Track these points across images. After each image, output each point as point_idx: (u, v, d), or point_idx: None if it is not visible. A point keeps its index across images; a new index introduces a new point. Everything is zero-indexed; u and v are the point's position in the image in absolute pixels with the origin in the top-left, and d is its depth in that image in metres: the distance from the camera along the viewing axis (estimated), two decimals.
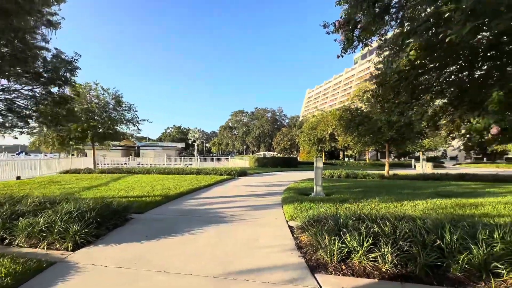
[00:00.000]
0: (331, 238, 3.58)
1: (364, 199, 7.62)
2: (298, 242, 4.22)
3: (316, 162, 8.69)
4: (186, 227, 5.03)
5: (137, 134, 22.37)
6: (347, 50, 4.84)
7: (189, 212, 6.33)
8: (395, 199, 7.56)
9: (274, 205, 7.30)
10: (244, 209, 6.68)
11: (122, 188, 9.75)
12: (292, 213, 5.90)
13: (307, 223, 4.44)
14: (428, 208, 6.36)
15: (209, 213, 6.28)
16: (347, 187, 10.26)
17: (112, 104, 18.64)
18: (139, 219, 5.70)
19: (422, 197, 7.94)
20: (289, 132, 64.80)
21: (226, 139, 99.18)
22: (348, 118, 14.43)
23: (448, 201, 7.33)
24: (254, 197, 8.48)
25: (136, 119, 19.94)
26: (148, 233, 4.73)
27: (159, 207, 6.94)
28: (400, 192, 9.06)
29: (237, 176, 15.55)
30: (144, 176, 14.50)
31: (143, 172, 16.74)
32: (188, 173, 16.45)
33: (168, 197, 8.02)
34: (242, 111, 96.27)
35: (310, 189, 9.87)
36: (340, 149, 37.92)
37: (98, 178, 13.51)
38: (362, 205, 6.73)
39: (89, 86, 17.50)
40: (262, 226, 5.11)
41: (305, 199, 7.45)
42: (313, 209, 6.27)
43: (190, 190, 9.62)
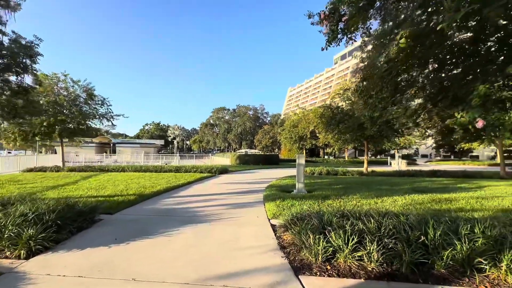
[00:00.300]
0: (315, 237, 3.41)
1: (346, 195, 7.63)
2: (281, 241, 4.03)
3: (298, 159, 8.59)
4: (161, 228, 4.65)
5: (112, 130, 21.11)
6: (331, 42, 4.69)
7: (166, 212, 5.93)
8: (375, 195, 7.64)
9: (255, 203, 7.08)
10: (225, 208, 6.39)
11: (93, 187, 9.04)
12: (274, 211, 5.71)
13: (290, 221, 4.25)
14: (407, 204, 6.46)
15: (187, 212, 5.92)
16: (328, 184, 10.30)
17: (83, 97, 17.39)
18: (109, 220, 5.22)
19: (400, 193, 8.11)
20: (271, 129, 65.05)
21: (207, 137, 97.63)
22: (329, 115, 14.57)
23: (425, 196, 7.53)
24: (235, 195, 8.21)
25: (110, 114, 18.81)
26: (117, 235, 4.30)
27: (133, 207, 6.46)
28: (379, 188, 9.22)
29: (218, 173, 15.17)
30: (119, 174, 13.67)
31: (117, 170, 15.84)
32: (167, 170, 15.81)
33: (143, 196, 7.52)
34: (223, 108, 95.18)
35: (292, 186, 9.78)
36: (321, 147, 38.64)
37: (66, 176, 12.52)
38: (344, 202, 6.70)
39: (57, 77, 16.17)
40: (243, 225, 4.86)
41: (287, 196, 7.31)
42: (296, 206, 6.13)
43: (168, 188, 9.14)
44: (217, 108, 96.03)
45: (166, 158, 31.35)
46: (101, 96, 17.95)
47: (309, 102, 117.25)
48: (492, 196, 7.58)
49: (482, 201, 6.81)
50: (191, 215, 5.63)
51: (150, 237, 4.22)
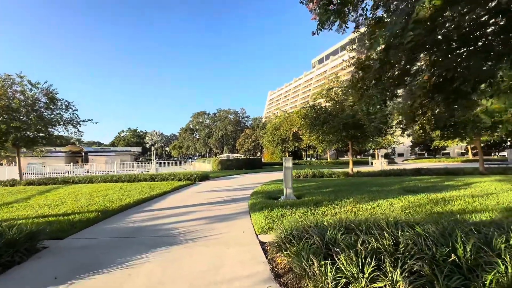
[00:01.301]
0: (320, 262, 2.63)
1: (338, 200, 7.00)
2: (274, 266, 3.21)
3: (285, 162, 7.86)
4: (121, 257, 3.65)
5: (80, 137, 19.23)
6: (323, 24, 4.02)
7: (132, 232, 4.89)
8: (368, 198, 7.09)
9: (240, 213, 6.22)
10: (204, 222, 5.46)
11: (48, 203, 7.68)
12: (262, 224, 4.89)
13: (284, 239, 3.45)
14: (405, 207, 5.93)
15: (158, 231, 4.93)
16: (316, 188, 9.67)
17: (43, 101, 15.57)
18: (55, 248, 4.11)
19: (392, 194, 7.64)
20: (253, 133, 64.42)
21: (187, 142, 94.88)
22: (313, 116, 14.12)
23: (419, 197, 7.09)
24: (216, 205, 7.29)
25: (76, 120, 17.05)
26: (60, 271, 3.26)
27: (91, 227, 5.33)
28: (370, 190, 8.73)
29: (198, 181, 14.09)
30: (85, 186, 12.16)
31: (84, 182, 14.22)
32: (141, 180, 14.44)
33: (107, 212, 6.38)
34: (204, 113, 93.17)
35: (279, 191, 9.03)
36: (303, 149, 38.53)
37: (20, 191, 10.85)
38: (338, 208, 6.04)
39: (11, 79, 14.30)
40: (226, 246, 3.98)
41: (275, 205, 6.52)
42: (287, 216, 5.36)
43: (139, 200, 8.01)
44: (197, 113, 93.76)
45: (143, 165, 29.51)
46: (65, 100, 16.20)
47: (289, 106, 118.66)
48: (486, 194, 7.32)
49: (480, 200, 6.47)
50: (162, 235, 4.65)
51: (103, 271, 3.22)
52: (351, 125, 12.73)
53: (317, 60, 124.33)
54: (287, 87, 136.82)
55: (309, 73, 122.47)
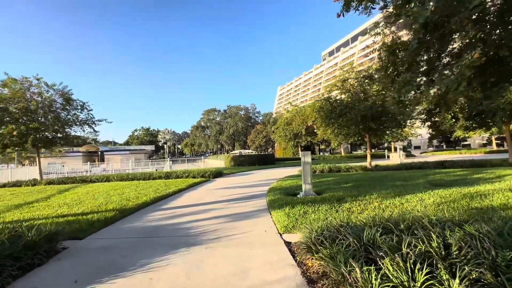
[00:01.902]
0: (362, 268, 2.33)
1: (361, 195, 6.62)
2: (305, 270, 2.94)
3: (304, 156, 7.54)
4: (141, 258, 3.49)
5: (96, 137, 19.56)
6: (349, 5, 3.65)
7: (150, 232, 4.75)
8: (394, 194, 6.66)
9: (259, 211, 5.98)
10: (223, 221, 5.26)
11: (67, 202, 7.73)
12: (285, 222, 4.62)
13: (314, 239, 3.17)
14: (438, 202, 5.49)
15: (177, 230, 4.76)
16: (335, 183, 9.29)
17: (59, 102, 15.89)
18: (75, 249, 4.02)
19: (419, 189, 7.17)
20: (264, 129, 64.04)
21: (198, 139, 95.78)
22: (328, 109, 13.62)
23: (450, 191, 6.59)
24: (233, 203, 7.08)
25: (91, 119, 17.33)
26: (80, 274, 3.13)
27: (110, 226, 5.25)
28: (393, 185, 8.27)
29: (212, 177, 14.00)
30: (102, 185, 12.31)
31: (101, 180, 14.44)
32: (156, 177, 14.51)
33: (125, 211, 6.30)
34: (214, 110, 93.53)
35: (296, 187, 8.73)
36: (316, 143, 37.86)
37: (41, 191, 11.09)
38: (363, 204, 5.68)
39: (28, 81, 14.61)
40: (250, 247, 3.75)
41: (295, 201, 6.24)
42: (310, 214, 5.07)
43: (156, 199, 7.93)
44: (208, 110, 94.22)
45: (157, 163, 29.98)
46: (80, 100, 16.48)
47: (300, 100, 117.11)
48: None
49: None
50: (182, 235, 4.48)
51: (124, 274, 3.06)
52: (369, 117, 12.17)
53: (328, 53, 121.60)
54: (297, 81, 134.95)
55: (319, 66, 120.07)
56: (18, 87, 14.18)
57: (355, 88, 13.97)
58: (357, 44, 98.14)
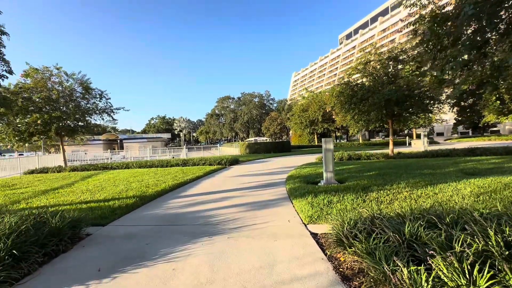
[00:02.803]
0: (410, 268, 2.05)
1: (388, 184, 6.23)
2: (337, 265, 2.71)
3: (325, 143, 7.18)
4: (163, 247, 3.40)
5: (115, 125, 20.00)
6: None
7: (171, 220, 4.69)
8: (424, 183, 6.21)
9: (280, 200, 5.78)
10: (243, 209, 5.11)
11: (89, 189, 7.91)
12: (309, 212, 4.38)
13: (346, 232, 2.91)
14: (476, 193, 5.02)
15: (198, 218, 4.66)
16: (358, 171, 8.88)
17: (79, 91, 16.20)
18: (98, 236, 4.02)
19: (451, 178, 6.65)
20: (278, 116, 63.22)
21: (213, 127, 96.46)
22: (349, 93, 12.93)
23: (487, 181, 6.04)
24: (252, 191, 6.92)
25: (110, 108, 17.63)
26: (103, 262, 3.09)
27: (131, 213, 5.25)
28: (421, 173, 7.77)
29: (228, 165, 13.95)
30: (122, 172, 12.59)
31: (121, 167, 14.80)
32: (174, 165, 14.68)
33: (145, 197, 6.31)
34: (228, 97, 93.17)
35: (316, 175, 8.44)
36: (333, 130, 36.89)
37: (65, 177, 11.50)
38: (392, 194, 5.32)
39: (49, 70, 14.93)
40: (273, 237, 3.56)
41: (317, 190, 5.97)
42: (335, 203, 4.79)
43: (174, 186, 7.94)
44: (222, 98, 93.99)
45: (174, 151, 30.43)
46: (99, 89, 16.72)
47: (315, 86, 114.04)
48: None
49: None
50: (202, 223, 4.37)
51: (146, 264, 2.97)
52: (394, 101, 11.42)
53: (345, 36, 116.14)
54: (312, 67, 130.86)
55: (336, 50, 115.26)
56: (39, 76, 14.53)
57: (378, 71, 13.13)
58: (377, 25, 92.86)
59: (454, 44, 3.33)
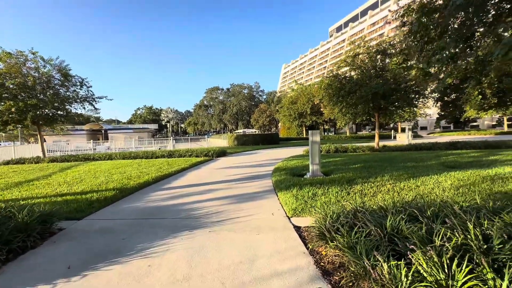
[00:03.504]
0: (390, 263, 2.02)
1: (372, 177, 6.29)
2: (318, 259, 2.66)
3: (312, 136, 7.13)
4: (140, 242, 3.25)
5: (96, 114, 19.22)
6: None
7: (151, 213, 4.52)
8: (407, 175, 6.31)
9: (265, 192, 5.71)
10: (228, 202, 5.01)
11: (67, 181, 7.56)
12: (293, 205, 4.33)
13: (328, 226, 2.87)
14: (456, 186, 5.14)
15: (179, 211, 4.52)
16: (344, 163, 8.95)
17: (58, 78, 15.34)
18: (71, 231, 3.81)
19: (433, 171, 6.81)
20: (268, 108, 63.02)
21: (201, 118, 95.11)
22: (337, 86, 12.92)
23: (467, 174, 6.22)
24: (238, 183, 6.82)
25: (91, 97, 16.85)
26: (74, 258, 2.91)
27: (110, 206, 5.03)
28: (404, 166, 7.91)
29: (215, 157, 13.75)
30: (104, 163, 12.16)
31: (103, 158, 14.30)
32: (159, 156, 14.32)
33: (126, 190, 6.08)
34: (217, 88, 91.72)
35: (303, 168, 8.43)
36: (321, 123, 37.19)
37: (43, 169, 10.98)
38: (376, 187, 5.36)
39: (23, 55, 13.99)
40: (256, 231, 3.48)
41: (303, 183, 5.94)
42: (319, 196, 4.77)
43: (158, 178, 7.71)
44: (210, 88, 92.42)
45: (160, 142, 29.77)
46: (79, 76, 15.89)
47: (305, 79, 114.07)
48: None
49: None
50: (184, 216, 4.23)
51: (120, 260, 2.82)
52: (381, 94, 11.51)
53: (335, 28, 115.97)
54: (302, 59, 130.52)
55: (326, 43, 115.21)
56: (13, 61, 13.61)
57: (366, 64, 13.15)
58: (366, 19, 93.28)
59: (441, 37, 3.29)
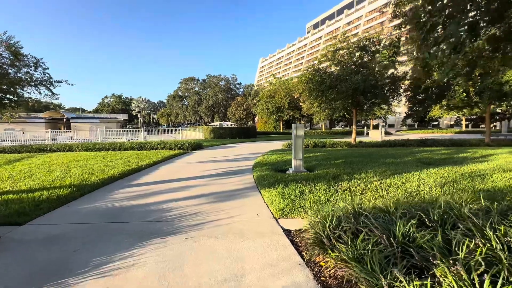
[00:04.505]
0: (414, 283, 1.66)
1: (357, 173, 6.11)
2: (317, 272, 2.27)
3: (296, 129, 6.77)
4: (98, 255, 2.62)
5: (54, 100, 17.17)
6: None
7: (114, 215, 3.83)
8: (390, 172, 6.24)
9: (247, 190, 5.24)
10: (205, 201, 4.46)
11: (12, 175, 6.43)
12: (281, 205, 3.92)
13: (328, 232, 2.48)
14: (439, 183, 5.10)
15: (149, 213, 3.89)
16: (325, 159, 8.78)
17: (6, 57, 13.30)
18: (7, 240, 3.03)
19: (412, 168, 6.85)
20: (245, 101, 62.21)
21: (176, 110, 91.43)
22: (318, 80, 12.75)
23: (445, 170, 6.31)
24: (216, 179, 6.28)
25: (49, 80, 14.93)
26: (5, 281, 2.21)
27: (62, 207, 4.22)
28: (384, 162, 7.93)
29: (190, 150, 12.96)
30: (62, 155, 10.81)
31: (63, 150, 12.79)
32: (128, 148, 13.16)
33: (85, 187, 5.24)
34: (192, 78, 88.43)
35: (284, 163, 8.10)
36: (298, 118, 37.45)
37: None
38: (362, 183, 5.15)
39: None
40: (241, 237, 3.01)
41: (287, 179, 5.58)
42: (307, 194, 4.42)
43: (125, 172, 6.88)
44: (185, 78, 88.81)
45: (131, 133, 27.84)
46: (32, 56, 13.93)
47: (281, 74, 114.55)
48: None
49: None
50: (154, 219, 3.62)
51: (68, 281, 2.18)
52: (361, 90, 11.54)
53: (312, 25, 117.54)
54: (279, 54, 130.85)
55: (303, 39, 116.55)
56: None
57: (346, 60, 13.13)
58: (342, 18, 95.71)
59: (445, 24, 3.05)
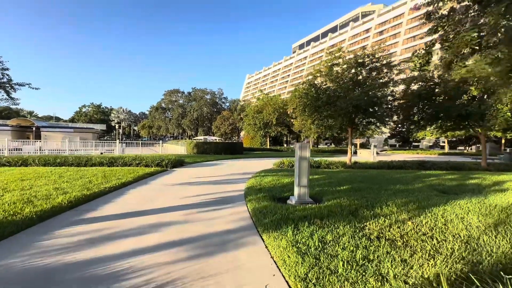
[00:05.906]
0: None
1: (376, 206, 4.94)
2: None
3: (300, 150, 5.57)
4: None
5: (13, 105, 15.13)
6: None
7: (36, 281, 2.31)
8: (414, 205, 5.14)
9: (242, 231, 3.87)
10: (184, 255, 3.04)
11: None
12: (301, 269, 2.60)
13: None
14: (487, 223, 4.02)
15: (93, 280, 2.40)
16: (327, 184, 7.59)
17: None
18: None
19: (432, 198, 5.84)
20: (230, 116, 61.19)
21: (158, 122, 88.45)
22: (313, 96, 11.89)
23: (477, 203, 5.30)
24: (199, 211, 4.85)
25: (9, 82, 13.03)
26: None
27: None
28: (397, 190, 6.86)
29: (170, 167, 11.38)
30: (9, 171, 8.87)
31: (15, 164, 10.73)
32: (96, 163, 11.31)
33: (11, 224, 3.63)
34: (177, 91, 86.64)
35: (281, 188, 6.84)
36: (285, 135, 36.70)
37: None
38: (393, 223, 3.96)
39: None
40: None
41: (294, 214, 4.30)
42: (331, 245, 3.13)
43: (80, 199, 5.27)
44: (170, 90, 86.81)
45: (107, 145, 25.53)
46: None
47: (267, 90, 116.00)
48: None
49: None
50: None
51: None
52: (362, 107, 10.74)
53: (298, 46, 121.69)
54: (265, 71, 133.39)
55: (289, 58, 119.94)
56: None
57: (342, 76, 12.45)
58: (326, 40, 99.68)
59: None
